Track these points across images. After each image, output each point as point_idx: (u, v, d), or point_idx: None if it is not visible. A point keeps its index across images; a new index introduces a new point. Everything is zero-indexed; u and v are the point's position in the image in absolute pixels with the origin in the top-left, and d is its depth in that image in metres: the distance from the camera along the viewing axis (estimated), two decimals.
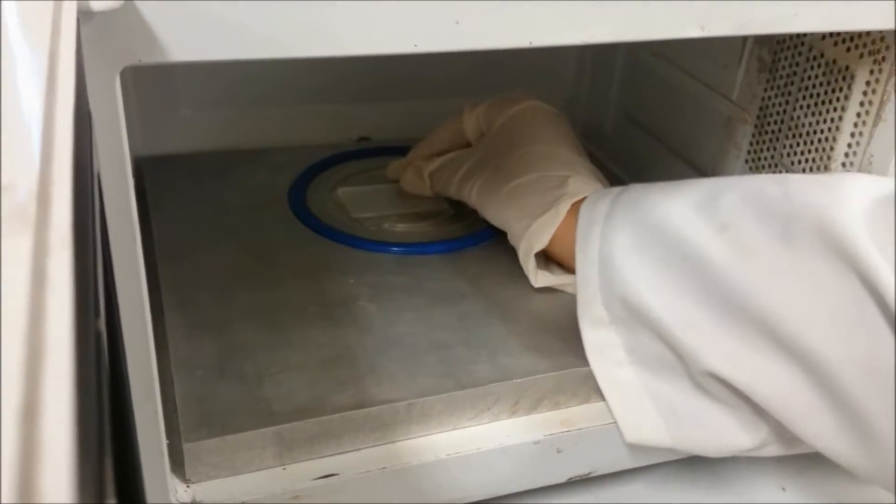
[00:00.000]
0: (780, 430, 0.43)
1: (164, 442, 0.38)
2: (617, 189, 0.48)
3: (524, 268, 0.52)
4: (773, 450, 0.44)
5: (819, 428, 0.40)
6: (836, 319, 0.37)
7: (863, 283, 0.36)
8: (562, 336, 0.49)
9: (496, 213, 0.54)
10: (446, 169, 0.58)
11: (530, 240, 0.50)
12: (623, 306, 0.44)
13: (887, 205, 0.37)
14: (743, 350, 0.41)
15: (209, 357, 0.45)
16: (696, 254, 0.41)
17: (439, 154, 0.60)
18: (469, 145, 0.60)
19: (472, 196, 0.55)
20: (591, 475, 0.48)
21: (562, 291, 0.52)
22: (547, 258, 0.52)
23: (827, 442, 0.40)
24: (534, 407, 0.46)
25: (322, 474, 0.42)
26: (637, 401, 0.45)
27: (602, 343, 0.46)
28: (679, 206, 0.43)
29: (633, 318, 0.44)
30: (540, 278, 0.51)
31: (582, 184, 0.50)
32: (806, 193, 0.39)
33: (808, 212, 0.38)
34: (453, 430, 0.45)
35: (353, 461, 0.42)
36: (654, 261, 0.43)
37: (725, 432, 0.44)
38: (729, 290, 0.40)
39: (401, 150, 0.64)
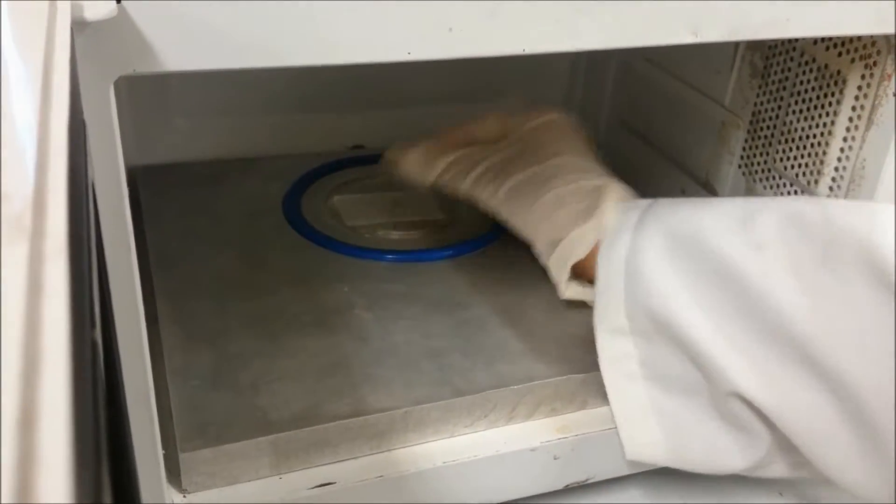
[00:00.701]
0: (783, 454, 0.42)
1: (160, 452, 0.38)
2: (647, 200, 0.47)
3: (555, 276, 0.50)
4: (773, 471, 0.44)
5: (839, 455, 0.39)
6: (874, 346, 0.37)
7: None
8: (558, 343, 0.49)
9: (527, 220, 0.51)
10: (459, 164, 0.56)
11: (569, 248, 0.48)
12: (648, 318, 0.43)
13: None
14: (774, 371, 0.40)
15: (204, 366, 0.45)
16: (731, 270, 0.41)
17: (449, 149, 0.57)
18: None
19: (496, 199, 0.53)
20: (589, 482, 0.48)
21: (555, 299, 0.52)
22: None
23: (844, 470, 0.39)
24: (531, 414, 0.46)
25: (318, 483, 0.41)
26: (642, 416, 0.45)
27: (618, 353, 0.45)
28: (715, 220, 0.42)
29: (658, 330, 0.43)
30: (570, 290, 0.50)
31: (620, 192, 0.49)
32: (846, 218, 0.38)
33: (849, 237, 0.38)
34: (450, 437, 0.45)
35: (349, 470, 0.42)
36: (687, 273, 0.42)
37: (728, 453, 0.43)
38: (764, 309, 0.40)
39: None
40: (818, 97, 0.50)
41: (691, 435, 0.44)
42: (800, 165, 0.52)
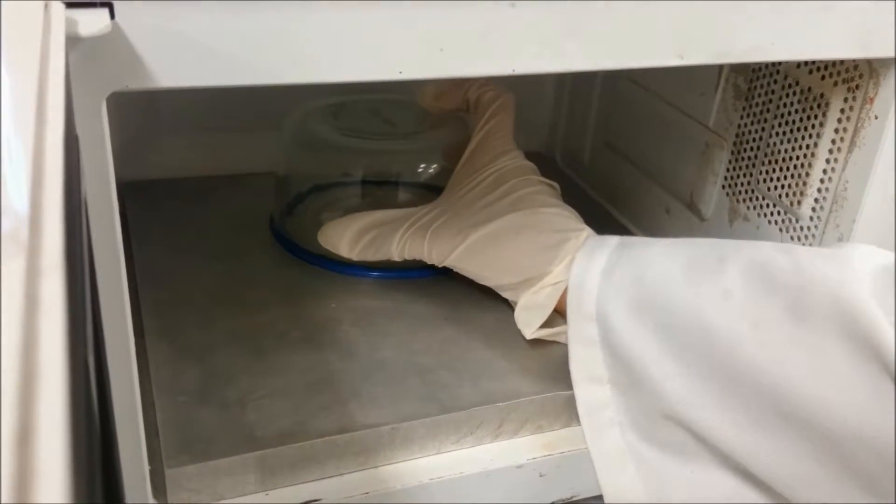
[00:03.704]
0: (767, 496, 0.42)
1: (147, 468, 0.37)
2: (614, 240, 0.46)
3: (522, 320, 0.50)
4: None
5: (820, 496, 0.39)
6: (849, 395, 0.36)
7: (878, 361, 0.35)
8: (544, 359, 0.49)
9: (492, 262, 0.50)
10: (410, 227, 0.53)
11: (542, 299, 0.48)
12: (623, 366, 0.43)
13: (890, 275, 0.36)
14: (747, 423, 0.39)
15: (191, 382, 0.45)
16: (699, 322, 0.40)
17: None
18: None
19: (458, 252, 0.51)
20: (574, 499, 0.48)
21: None
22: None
23: None
24: (517, 431, 0.46)
25: (305, 500, 0.41)
26: (620, 463, 0.44)
27: (595, 401, 0.45)
28: (681, 267, 0.42)
29: (633, 379, 0.43)
30: (536, 333, 0.50)
31: (584, 233, 0.49)
32: (816, 266, 0.38)
33: (820, 287, 0.37)
34: (436, 454, 0.45)
35: (335, 486, 0.42)
36: (657, 323, 0.42)
37: (711, 498, 0.43)
38: (734, 360, 0.39)
39: (383, 184, 0.63)
40: (801, 119, 0.51)
41: (671, 481, 0.43)
42: (783, 186, 0.53)
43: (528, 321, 0.49)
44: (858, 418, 0.36)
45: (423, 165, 0.60)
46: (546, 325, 0.49)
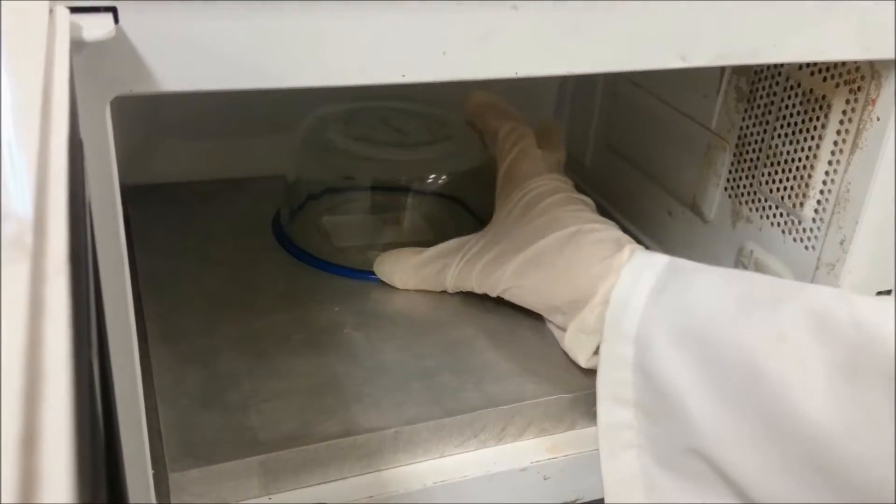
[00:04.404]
0: None
1: (150, 472, 0.37)
2: (663, 260, 0.45)
3: (575, 346, 0.48)
4: None
5: None
6: (891, 457, 0.35)
7: None
8: (548, 362, 0.49)
9: (541, 287, 0.49)
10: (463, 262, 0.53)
11: (591, 320, 0.46)
12: (654, 393, 0.42)
13: None
14: (778, 469, 0.38)
15: (194, 386, 0.45)
16: (746, 360, 0.39)
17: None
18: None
19: (505, 280, 0.51)
20: (578, 502, 0.48)
21: (544, 319, 0.52)
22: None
23: None
24: (520, 434, 0.46)
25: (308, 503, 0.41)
26: (630, 487, 0.44)
27: (618, 422, 0.44)
28: (734, 301, 0.41)
29: (662, 408, 0.42)
30: (591, 361, 0.47)
31: (633, 246, 0.47)
32: (874, 323, 0.37)
33: (877, 346, 0.36)
34: (440, 457, 0.45)
35: (339, 490, 0.42)
36: (699, 356, 0.40)
37: None
38: (777, 404, 0.38)
39: (391, 191, 0.63)
40: (803, 121, 0.51)
41: None
42: (785, 188, 0.53)
43: (581, 346, 0.47)
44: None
45: (432, 176, 0.60)
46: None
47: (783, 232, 0.53)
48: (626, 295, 0.44)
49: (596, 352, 0.46)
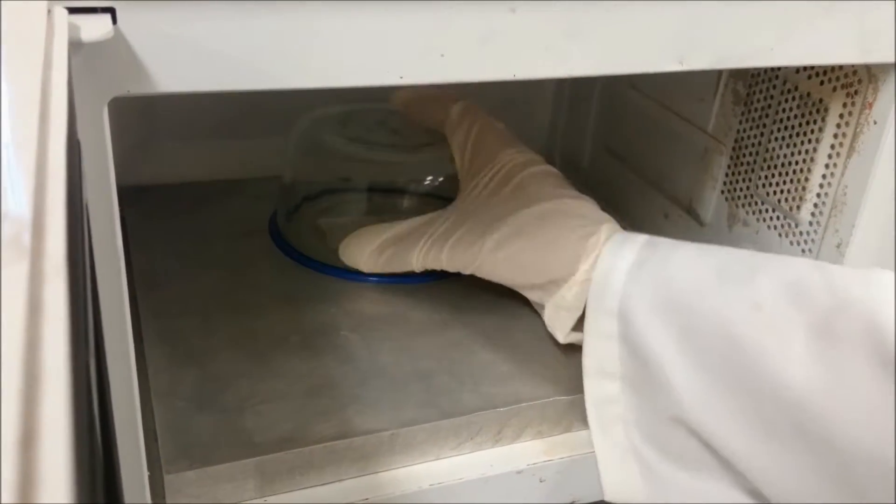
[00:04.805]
0: None
1: (146, 473, 0.37)
2: (641, 237, 0.45)
3: (555, 322, 0.48)
4: None
5: None
6: (871, 418, 0.36)
7: None
8: (545, 365, 0.49)
9: (517, 264, 0.49)
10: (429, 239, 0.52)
11: (571, 298, 0.46)
12: (639, 366, 0.43)
13: None
14: (760, 434, 0.39)
15: (190, 387, 0.45)
16: (725, 330, 0.40)
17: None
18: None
19: (480, 259, 0.49)
20: None
21: (541, 321, 0.52)
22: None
23: None
24: (517, 436, 0.46)
25: None
26: (622, 460, 0.44)
27: (604, 396, 0.45)
28: (712, 274, 0.41)
29: (646, 380, 0.43)
30: (571, 336, 0.48)
31: (612, 225, 0.47)
32: (851, 289, 0.37)
33: (853, 310, 0.37)
34: (436, 459, 0.45)
35: (335, 492, 0.42)
36: (680, 328, 0.41)
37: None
38: (756, 372, 0.38)
39: (382, 191, 0.63)
40: (800, 125, 0.51)
41: (670, 482, 0.43)
42: (782, 192, 0.53)
43: (561, 324, 0.48)
44: (877, 443, 0.36)
45: (429, 178, 0.60)
46: (578, 328, 0.47)
47: (780, 235, 0.54)
48: (607, 271, 0.44)
49: (575, 328, 0.47)
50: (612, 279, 0.44)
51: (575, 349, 0.48)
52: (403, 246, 0.53)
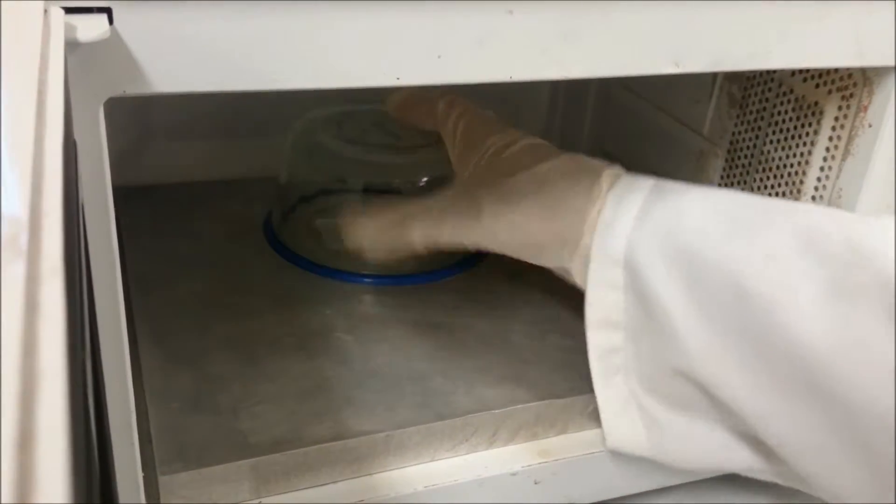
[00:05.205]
0: (768, 460, 0.42)
1: (140, 474, 0.37)
2: (648, 182, 0.44)
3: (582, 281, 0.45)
4: (761, 475, 0.43)
5: (826, 467, 0.38)
6: (884, 376, 0.35)
7: None
8: (539, 367, 0.49)
9: (520, 230, 0.46)
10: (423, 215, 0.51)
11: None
12: (644, 316, 0.42)
13: None
14: (767, 387, 0.38)
15: (184, 389, 0.44)
16: (735, 282, 0.38)
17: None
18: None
19: (483, 224, 0.47)
20: None
21: (542, 322, 0.52)
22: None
23: (829, 480, 0.39)
24: (511, 438, 0.46)
25: None
26: (623, 409, 0.44)
27: (607, 346, 0.44)
28: (722, 221, 0.40)
29: (651, 330, 0.42)
30: None
31: (614, 170, 0.45)
32: (868, 243, 0.36)
33: (870, 265, 0.36)
34: (431, 461, 0.45)
35: (330, 494, 0.42)
36: (688, 278, 0.40)
37: (711, 453, 0.43)
38: (767, 326, 0.38)
39: (379, 192, 0.63)
40: (795, 127, 0.51)
41: (670, 429, 0.43)
42: (777, 194, 0.53)
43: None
44: (889, 401, 0.35)
45: (425, 179, 0.60)
46: None
47: None
48: (612, 219, 0.43)
49: None
50: (617, 229, 0.42)
51: (569, 353, 0.48)
52: (405, 224, 0.51)
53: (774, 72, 0.52)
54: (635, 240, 0.42)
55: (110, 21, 0.28)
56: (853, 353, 0.36)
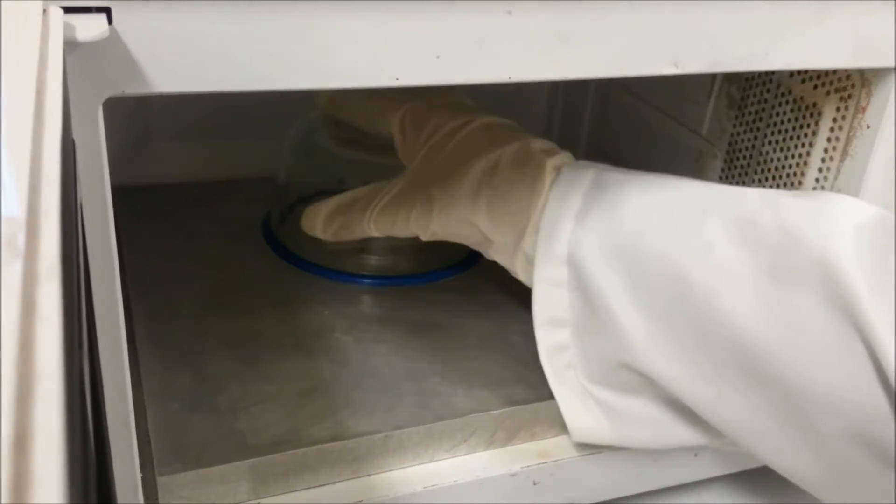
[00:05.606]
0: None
1: (139, 475, 0.37)
2: (588, 176, 0.44)
3: (527, 278, 0.47)
4: (727, 445, 0.44)
5: (773, 447, 0.39)
6: (822, 359, 0.36)
7: (854, 328, 0.35)
8: (538, 367, 0.49)
9: (469, 219, 0.47)
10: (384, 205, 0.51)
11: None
12: (588, 312, 0.43)
13: (878, 234, 0.36)
14: (711, 376, 0.39)
15: (183, 389, 0.44)
16: (674, 274, 0.39)
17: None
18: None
19: (434, 218, 0.48)
20: None
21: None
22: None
23: (778, 458, 0.40)
24: (510, 438, 0.46)
25: None
26: (582, 403, 0.45)
27: (555, 344, 0.45)
28: (660, 214, 0.41)
29: (596, 326, 0.43)
30: None
31: (555, 160, 0.46)
32: (801, 226, 0.37)
33: (804, 249, 0.37)
34: (430, 462, 0.45)
35: (328, 494, 0.42)
36: (629, 274, 0.41)
37: (672, 431, 0.44)
38: (707, 315, 0.39)
39: None
40: (794, 128, 0.51)
41: (632, 417, 0.44)
42: None
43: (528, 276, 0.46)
44: (827, 382, 0.36)
45: None
46: None
47: None
48: (554, 219, 0.44)
49: None
50: (559, 227, 0.44)
51: None
52: (354, 211, 0.51)
53: (773, 73, 0.52)
54: (577, 238, 0.43)
55: (109, 21, 0.28)
56: (790, 336, 0.37)
